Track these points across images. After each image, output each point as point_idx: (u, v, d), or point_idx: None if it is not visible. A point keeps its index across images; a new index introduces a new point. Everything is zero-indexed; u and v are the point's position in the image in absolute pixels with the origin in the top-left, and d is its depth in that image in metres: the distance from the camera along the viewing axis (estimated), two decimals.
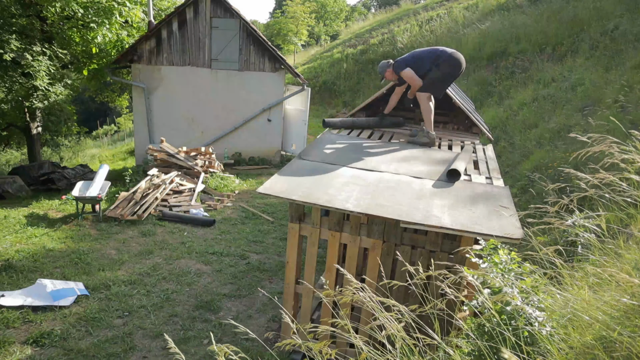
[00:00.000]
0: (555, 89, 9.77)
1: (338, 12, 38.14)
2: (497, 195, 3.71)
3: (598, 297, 1.90)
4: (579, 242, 2.78)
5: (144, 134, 11.75)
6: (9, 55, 9.86)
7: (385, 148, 4.90)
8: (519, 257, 2.24)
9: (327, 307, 3.94)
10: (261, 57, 11.74)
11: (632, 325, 1.64)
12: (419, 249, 3.60)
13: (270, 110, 12.15)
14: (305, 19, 28.85)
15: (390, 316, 1.95)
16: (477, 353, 1.90)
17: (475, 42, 14.80)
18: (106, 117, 31.96)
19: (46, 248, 6.53)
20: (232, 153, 12.29)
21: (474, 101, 11.26)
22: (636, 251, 2.22)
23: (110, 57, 12.60)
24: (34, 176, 10.99)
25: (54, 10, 10.82)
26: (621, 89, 7.51)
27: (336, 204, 3.41)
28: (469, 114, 5.66)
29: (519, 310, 1.89)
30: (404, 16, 24.79)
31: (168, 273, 5.97)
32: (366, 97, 16.73)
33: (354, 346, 1.95)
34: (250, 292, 5.60)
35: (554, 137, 7.93)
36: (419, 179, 4.02)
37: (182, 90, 11.68)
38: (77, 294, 5.24)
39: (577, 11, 12.31)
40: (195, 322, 4.90)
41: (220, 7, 11.27)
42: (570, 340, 1.77)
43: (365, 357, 1.87)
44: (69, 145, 21.64)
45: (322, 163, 4.32)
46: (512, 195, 3.83)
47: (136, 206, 7.86)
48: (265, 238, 7.44)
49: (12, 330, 4.55)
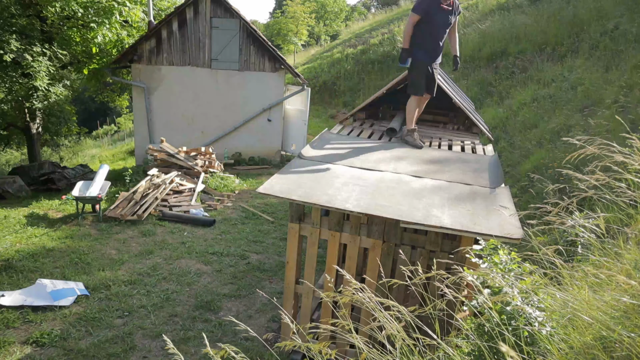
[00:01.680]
0: (555, 89, 9.77)
1: (338, 12, 38.10)
2: (497, 195, 3.72)
3: (598, 297, 1.90)
4: (579, 242, 2.78)
5: (144, 134, 11.75)
6: (9, 55, 9.86)
7: (385, 148, 4.90)
8: (519, 257, 2.24)
9: (327, 307, 3.94)
10: (261, 57, 11.74)
11: (632, 325, 1.64)
12: (419, 249, 3.60)
13: (270, 110, 12.15)
14: (305, 19, 28.83)
15: (390, 316, 1.96)
16: (477, 353, 1.90)
17: (475, 42, 14.79)
18: (106, 117, 31.96)
19: (46, 248, 6.53)
20: (232, 153, 12.29)
21: (474, 101, 11.25)
22: (636, 251, 2.22)
23: (110, 57, 12.60)
24: (34, 176, 11.00)
25: (54, 10, 10.82)
26: (621, 89, 7.51)
27: (336, 204, 3.41)
28: (469, 114, 5.66)
29: (519, 311, 1.89)
30: (404, 16, 24.78)
31: (168, 273, 5.97)
32: (366, 97, 16.73)
33: (354, 346, 1.96)
34: (250, 292, 5.60)
35: (554, 137, 7.93)
36: (419, 178, 4.02)
37: (182, 90, 11.68)
38: (77, 294, 5.24)
39: (577, 11, 12.30)
40: (195, 322, 4.90)
41: (220, 7, 11.27)
42: (570, 340, 1.77)
43: (365, 357, 1.87)
44: (69, 145, 21.65)
45: (322, 163, 4.32)
46: (512, 195, 3.83)
47: (136, 206, 7.86)
48: (265, 238, 7.44)
49: (12, 330, 4.55)
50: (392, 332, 1.89)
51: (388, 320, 1.93)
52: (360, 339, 1.89)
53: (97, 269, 5.99)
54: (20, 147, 18.73)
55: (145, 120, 11.66)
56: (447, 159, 4.64)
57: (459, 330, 2.14)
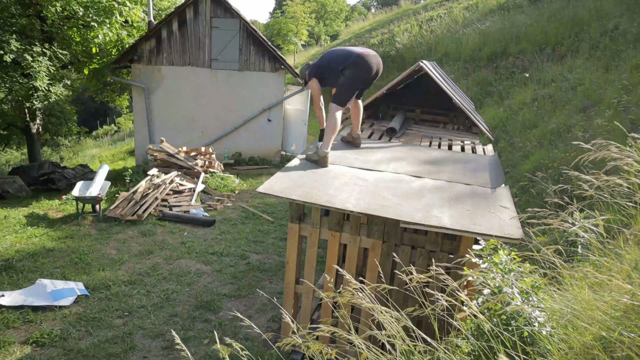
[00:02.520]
0: (555, 89, 9.76)
1: (338, 12, 38.10)
2: (497, 195, 3.72)
3: (598, 297, 1.90)
4: (579, 243, 2.78)
5: (144, 134, 11.75)
6: (9, 56, 9.85)
7: (385, 148, 4.90)
8: (519, 258, 2.24)
9: (327, 307, 3.94)
10: (261, 57, 11.74)
11: (632, 325, 1.64)
12: (419, 249, 3.60)
13: (270, 110, 12.15)
14: (305, 19, 28.84)
15: (389, 317, 1.95)
16: (476, 353, 1.90)
17: (475, 42, 14.78)
18: (106, 117, 31.98)
19: (46, 248, 6.53)
20: (232, 153, 12.28)
21: (474, 101, 11.25)
22: (636, 251, 2.22)
23: (110, 57, 12.60)
24: (34, 176, 10.99)
25: (54, 10, 10.81)
26: (621, 89, 7.51)
27: (336, 204, 3.41)
28: (469, 114, 5.65)
29: (519, 311, 1.89)
30: (404, 16, 24.79)
31: (168, 273, 5.97)
32: (366, 97, 16.72)
33: (354, 345, 1.95)
34: (250, 292, 5.60)
35: (554, 137, 7.93)
36: (419, 178, 4.02)
37: (182, 90, 11.68)
38: (77, 294, 5.24)
39: (577, 11, 12.30)
40: (195, 322, 4.90)
41: (220, 7, 11.27)
42: (570, 341, 1.77)
43: (366, 357, 1.87)
44: (69, 145, 21.65)
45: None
46: (512, 195, 3.83)
47: (136, 206, 7.86)
48: (265, 238, 7.44)
49: (12, 330, 4.55)
50: (392, 332, 1.89)
51: (387, 321, 1.92)
52: (360, 339, 1.89)
53: (97, 269, 5.98)
54: (20, 147, 18.74)
55: (145, 120, 11.66)
56: (447, 159, 4.64)
57: (458, 331, 2.14)
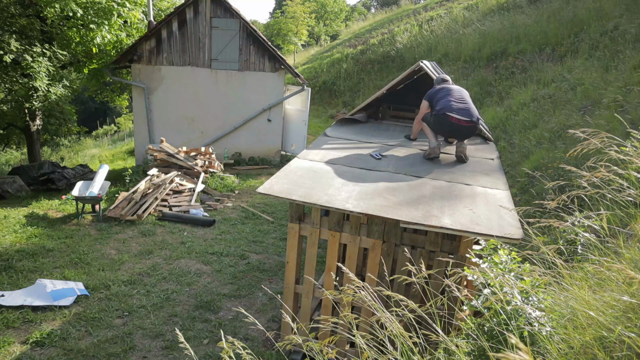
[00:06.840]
0: (554, 89, 9.77)
1: (338, 12, 38.11)
2: (497, 195, 3.72)
3: (598, 297, 1.90)
4: (579, 242, 2.78)
5: (144, 134, 11.75)
6: (9, 56, 9.85)
7: (386, 148, 4.90)
8: (519, 257, 2.24)
9: (327, 307, 3.94)
10: (261, 57, 11.74)
11: (632, 325, 1.64)
12: (419, 249, 3.60)
13: (270, 110, 12.15)
14: (305, 19, 28.85)
15: (390, 315, 1.95)
16: (477, 352, 1.90)
17: (475, 42, 14.78)
18: (106, 117, 31.98)
19: (46, 248, 6.53)
20: (232, 153, 12.28)
21: (474, 101, 11.24)
22: (636, 251, 2.22)
23: (110, 57, 12.60)
24: (33, 176, 10.98)
25: (53, 11, 10.81)
26: (621, 89, 7.51)
27: (336, 204, 3.41)
28: None
29: (519, 310, 1.89)
30: (404, 16, 24.81)
31: (168, 273, 5.97)
32: (366, 97, 16.73)
33: (354, 346, 1.96)
34: (250, 292, 5.60)
35: (554, 137, 7.93)
36: (419, 178, 4.02)
37: (182, 90, 11.68)
38: (77, 294, 5.24)
39: (577, 11, 12.31)
40: (195, 322, 4.90)
41: (220, 7, 11.27)
42: (570, 340, 1.77)
43: (367, 356, 1.87)
44: (69, 145, 21.65)
45: (322, 163, 4.32)
46: (512, 195, 3.83)
47: (136, 206, 7.86)
48: (265, 238, 7.44)
49: (12, 330, 4.55)
50: (393, 331, 1.89)
51: (389, 319, 1.93)
52: (361, 338, 1.89)
53: (97, 269, 5.98)
54: (20, 147, 18.74)
55: (145, 120, 11.66)
56: (447, 159, 4.64)
57: (459, 330, 2.14)
